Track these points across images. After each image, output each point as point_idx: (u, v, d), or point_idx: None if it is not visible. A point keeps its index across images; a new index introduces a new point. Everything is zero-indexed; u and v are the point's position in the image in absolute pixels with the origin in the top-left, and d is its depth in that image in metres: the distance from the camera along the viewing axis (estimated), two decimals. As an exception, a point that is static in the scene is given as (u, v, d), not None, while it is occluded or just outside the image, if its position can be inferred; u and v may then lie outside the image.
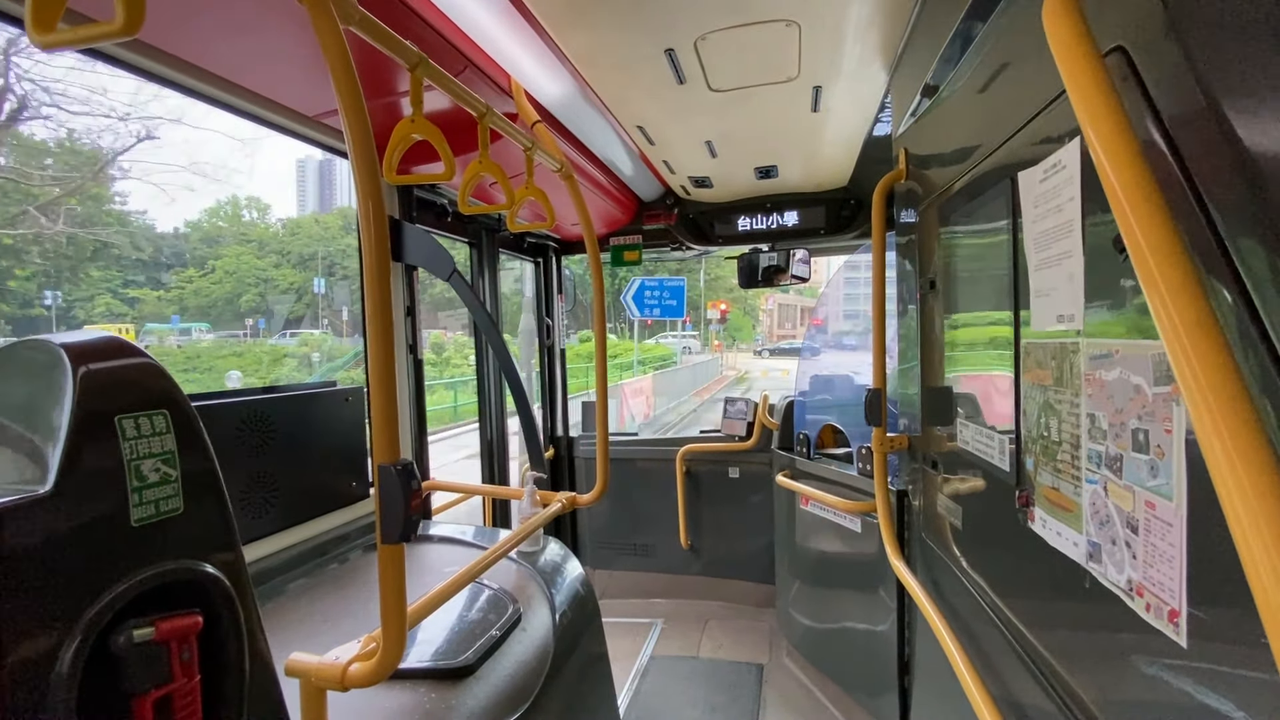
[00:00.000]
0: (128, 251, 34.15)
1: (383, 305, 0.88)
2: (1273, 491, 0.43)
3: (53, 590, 0.59)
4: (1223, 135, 0.57)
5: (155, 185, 52.97)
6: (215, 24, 1.31)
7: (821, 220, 3.23)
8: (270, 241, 41.91)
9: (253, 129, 47.87)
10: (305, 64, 1.50)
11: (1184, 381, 0.49)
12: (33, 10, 0.68)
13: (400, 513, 0.85)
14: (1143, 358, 0.69)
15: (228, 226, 42.01)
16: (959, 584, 1.40)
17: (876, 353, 1.85)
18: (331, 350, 30.60)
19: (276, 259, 40.96)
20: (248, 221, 43.26)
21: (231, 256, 39.35)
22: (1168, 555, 0.66)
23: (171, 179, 68.06)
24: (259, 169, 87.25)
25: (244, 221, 43.08)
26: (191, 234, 41.91)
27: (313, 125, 1.81)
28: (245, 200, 45.18)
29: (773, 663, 3.02)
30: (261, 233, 42.83)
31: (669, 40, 1.63)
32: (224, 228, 41.96)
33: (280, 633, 1.32)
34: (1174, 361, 0.50)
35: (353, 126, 0.85)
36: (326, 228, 43.92)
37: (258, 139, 62.90)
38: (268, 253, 41.14)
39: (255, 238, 41.80)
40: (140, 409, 0.67)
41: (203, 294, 36.98)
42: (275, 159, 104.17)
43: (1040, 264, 0.95)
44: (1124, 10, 0.71)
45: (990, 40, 1.14)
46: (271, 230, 43.17)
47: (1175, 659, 0.66)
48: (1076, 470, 0.86)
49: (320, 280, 38.72)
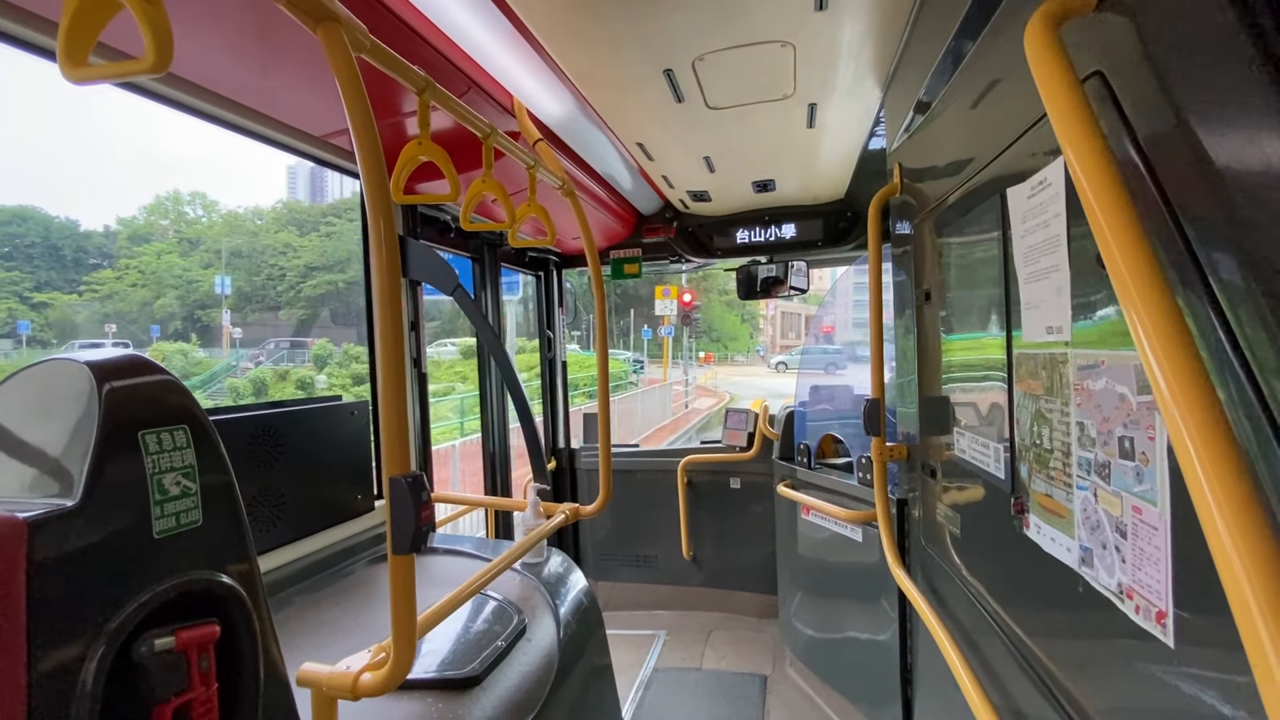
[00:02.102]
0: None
1: (393, 321, 0.90)
2: (1243, 497, 0.45)
3: (80, 600, 0.61)
4: (1195, 154, 0.60)
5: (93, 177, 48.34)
6: (230, 53, 1.35)
7: (819, 232, 3.27)
8: (207, 239, 38.26)
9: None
10: (313, 87, 1.54)
11: (1158, 391, 0.52)
12: (64, 47, 0.71)
13: (410, 523, 0.87)
14: (1126, 367, 0.72)
15: (170, 224, 38.63)
16: (959, 592, 1.41)
17: (875, 363, 1.87)
18: (189, 366, 26.65)
19: (209, 257, 37.45)
20: (193, 219, 39.63)
21: (151, 255, 35.44)
22: (1154, 558, 0.68)
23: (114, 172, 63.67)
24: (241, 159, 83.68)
25: (189, 219, 39.42)
26: (121, 232, 38.06)
27: (320, 145, 1.85)
28: (189, 195, 41.46)
29: (776, 673, 3.01)
30: (203, 230, 39.05)
31: (667, 61, 1.67)
32: (166, 225, 38.49)
33: (289, 644, 1.34)
34: (1149, 372, 0.53)
35: (364, 150, 0.88)
36: (262, 217, 40.09)
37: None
38: (201, 251, 37.57)
39: (193, 235, 38.24)
40: (162, 424, 0.70)
41: (119, 297, 33.72)
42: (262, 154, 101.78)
43: (1029, 277, 0.98)
44: (1101, 37, 0.75)
45: (980, 59, 1.17)
46: (216, 227, 39.42)
47: (1164, 659, 0.68)
48: (1068, 477, 0.88)
49: (223, 279, 34.78)
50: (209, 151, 70.49)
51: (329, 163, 1.93)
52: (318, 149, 1.86)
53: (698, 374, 29.22)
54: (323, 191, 73.19)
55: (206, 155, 73.68)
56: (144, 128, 71.86)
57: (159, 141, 74.30)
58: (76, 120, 71.72)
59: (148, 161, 72.99)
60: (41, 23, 1.14)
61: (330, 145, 1.88)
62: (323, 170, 32.06)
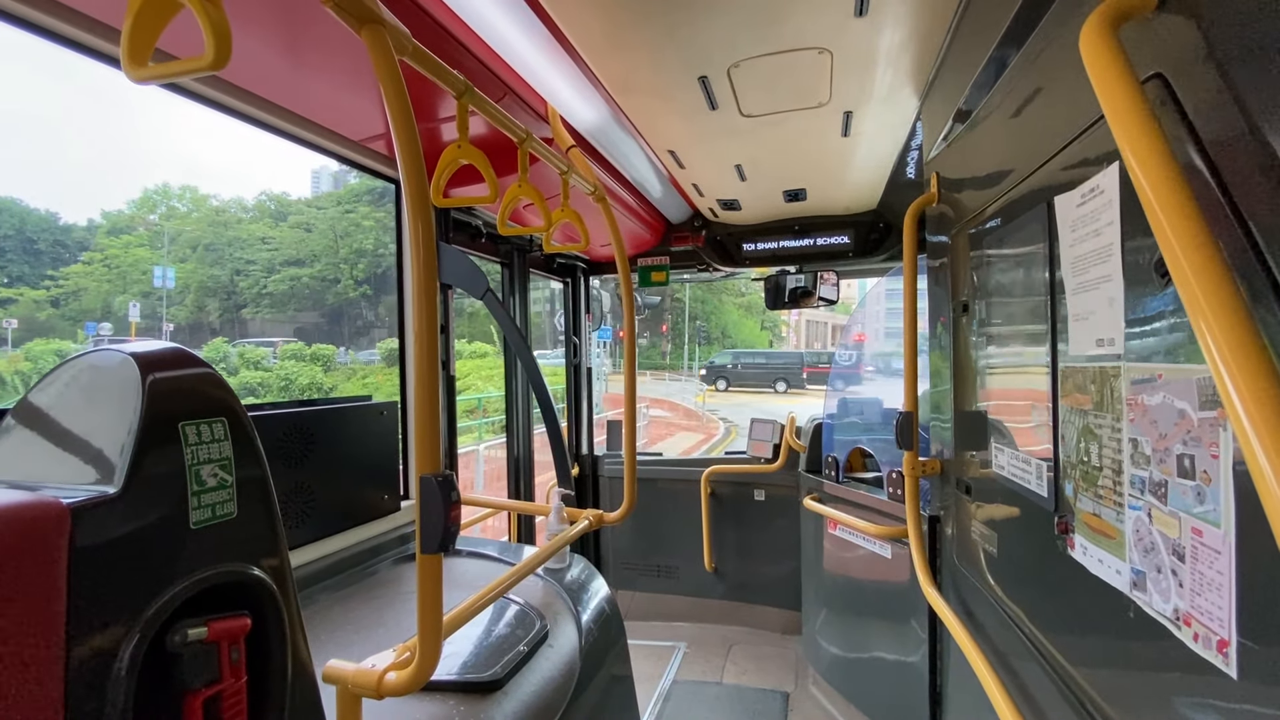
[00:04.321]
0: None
1: (429, 324, 0.91)
2: None
3: (117, 587, 0.61)
4: (1265, 158, 0.57)
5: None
6: (273, 56, 1.39)
7: (850, 243, 3.23)
8: (181, 232, 36.01)
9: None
10: (352, 91, 1.57)
11: (1231, 407, 0.49)
12: (127, 48, 0.74)
13: (440, 523, 0.87)
14: (1187, 382, 0.69)
15: (157, 218, 36.32)
16: (994, 613, 1.37)
17: (909, 376, 1.83)
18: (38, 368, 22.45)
19: (185, 251, 35.61)
20: (184, 213, 37.38)
21: (118, 248, 32.62)
22: (1216, 583, 0.64)
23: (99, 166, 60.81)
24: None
25: (180, 213, 37.16)
26: (103, 225, 35.27)
27: (358, 149, 1.89)
28: (179, 189, 38.61)
29: (799, 691, 2.95)
30: (179, 224, 36.51)
31: (702, 68, 1.66)
32: (155, 220, 36.17)
33: (314, 640, 1.35)
34: (1220, 386, 0.50)
35: (405, 152, 0.89)
36: (248, 210, 37.64)
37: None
38: (176, 244, 35.47)
39: (173, 230, 36.01)
40: (201, 416, 0.70)
41: (89, 293, 31.53)
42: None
43: (1078, 288, 0.94)
44: (1161, 38, 0.72)
45: (1026, 64, 1.15)
46: (191, 219, 36.86)
47: (1225, 690, 0.64)
48: (1119, 496, 0.84)
49: (165, 271, 32.03)
50: (236, 159, 71.55)
51: (365, 167, 1.97)
52: (354, 153, 1.89)
53: (697, 390, 24.53)
54: (344, 179, 71.73)
55: (232, 162, 74.95)
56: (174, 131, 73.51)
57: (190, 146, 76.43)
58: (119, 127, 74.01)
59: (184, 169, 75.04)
60: (103, 28, 1.18)
61: (367, 149, 1.91)
62: (346, 171, 31.55)
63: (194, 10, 0.70)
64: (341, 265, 36.40)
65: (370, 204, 36.32)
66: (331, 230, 36.65)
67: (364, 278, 36.74)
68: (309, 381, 24.84)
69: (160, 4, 0.74)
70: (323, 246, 36.92)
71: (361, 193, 36.97)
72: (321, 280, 36.58)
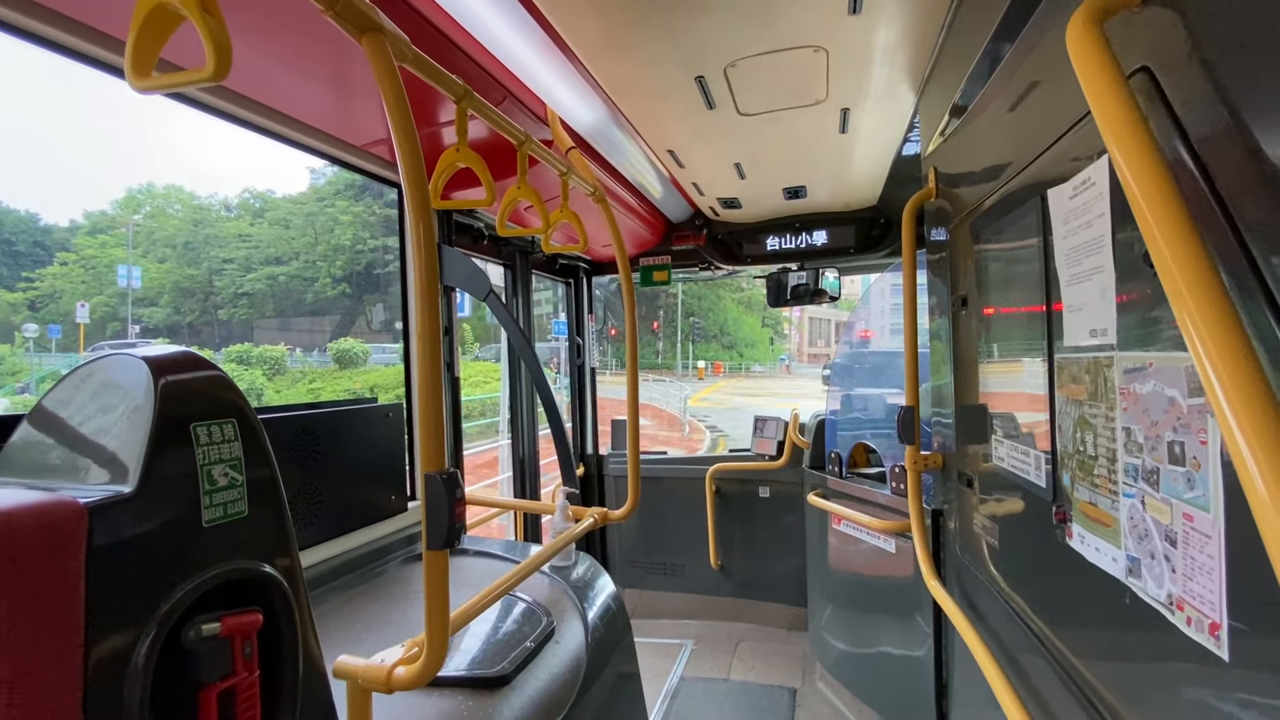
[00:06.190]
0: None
1: (431, 325, 0.92)
2: None
3: (134, 584, 0.63)
4: (1251, 153, 0.58)
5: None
6: (275, 64, 1.41)
7: (851, 239, 3.24)
8: (158, 232, 35.14)
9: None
10: (355, 97, 1.59)
11: (1213, 395, 0.50)
12: (131, 59, 0.75)
13: (445, 519, 0.89)
14: (1176, 370, 0.70)
15: (143, 220, 35.34)
16: (997, 604, 1.38)
17: (909, 370, 1.84)
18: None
19: (165, 251, 34.83)
20: (169, 213, 36.50)
21: (95, 248, 32.06)
22: (1207, 568, 0.66)
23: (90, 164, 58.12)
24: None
25: (167, 213, 36.32)
26: (84, 225, 34.74)
27: (360, 154, 1.91)
28: (164, 189, 37.91)
29: (806, 686, 2.96)
30: (163, 222, 35.85)
31: (699, 68, 1.68)
32: (141, 222, 35.15)
33: (324, 638, 1.36)
34: (1203, 376, 0.51)
35: (405, 156, 0.91)
36: (231, 209, 36.52)
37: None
38: (154, 244, 34.53)
39: (159, 229, 35.15)
40: (212, 418, 0.72)
41: (65, 294, 30.52)
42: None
43: (1072, 279, 0.95)
44: (1147, 32, 0.73)
45: (1018, 59, 1.16)
46: (174, 220, 36.12)
47: (1218, 673, 0.65)
48: (1113, 484, 0.85)
49: (131, 269, 30.90)
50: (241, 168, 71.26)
51: (368, 171, 1.99)
52: (357, 158, 1.91)
53: (692, 390, 22.57)
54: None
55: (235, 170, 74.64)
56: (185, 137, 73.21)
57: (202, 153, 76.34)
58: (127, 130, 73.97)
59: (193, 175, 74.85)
60: (108, 40, 1.21)
61: (369, 154, 1.93)
62: (341, 171, 30.78)
63: (195, 23, 0.72)
64: (319, 262, 35.05)
65: (350, 199, 34.95)
66: (311, 226, 35.45)
67: (342, 275, 35.19)
68: (245, 388, 24.24)
69: (163, 17, 0.76)
70: (302, 243, 35.68)
71: (341, 187, 35.59)
72: (300, 279, 35.34)
